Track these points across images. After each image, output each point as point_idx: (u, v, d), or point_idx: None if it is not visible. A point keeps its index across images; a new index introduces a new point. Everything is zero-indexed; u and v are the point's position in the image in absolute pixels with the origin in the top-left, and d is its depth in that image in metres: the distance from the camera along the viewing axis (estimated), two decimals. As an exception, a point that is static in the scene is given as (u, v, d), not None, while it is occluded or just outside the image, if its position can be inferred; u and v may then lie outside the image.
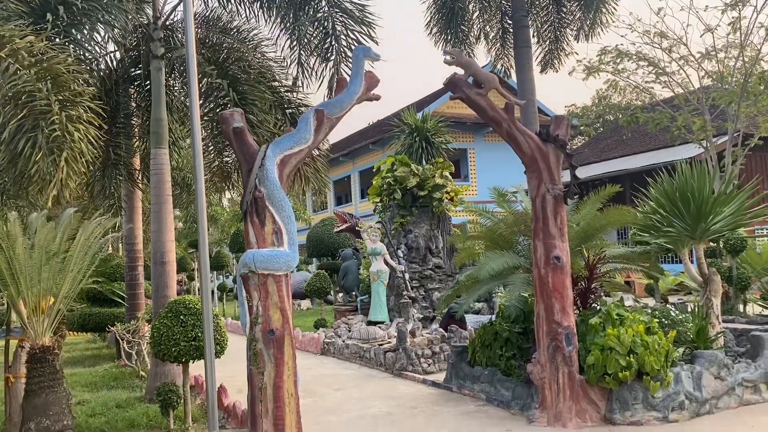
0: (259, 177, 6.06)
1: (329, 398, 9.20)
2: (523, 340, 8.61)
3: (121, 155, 10.01)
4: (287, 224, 6.12)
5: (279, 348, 5.91)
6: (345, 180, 41.01)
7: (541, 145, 7.44)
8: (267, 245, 6.03)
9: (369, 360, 11.57)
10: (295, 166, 6.35)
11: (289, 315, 6.03)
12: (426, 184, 15.81)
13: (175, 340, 7.13)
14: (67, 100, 5.82)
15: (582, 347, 7.38)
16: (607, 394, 7.21)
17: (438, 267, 16.20)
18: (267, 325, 5.91)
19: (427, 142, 17.10)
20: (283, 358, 5.93)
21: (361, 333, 13.05)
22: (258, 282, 5.95)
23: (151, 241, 9.09)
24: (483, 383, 8.62)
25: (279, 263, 5.95)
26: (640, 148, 29.07)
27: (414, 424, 7.52)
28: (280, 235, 6.08)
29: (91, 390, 10.04)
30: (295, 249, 6.16)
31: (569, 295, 7.36)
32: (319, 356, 13.31)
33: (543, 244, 7.38)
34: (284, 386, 5.92)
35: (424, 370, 10.47)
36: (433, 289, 15.68)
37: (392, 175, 15.97)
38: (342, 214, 17.75)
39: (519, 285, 8.17)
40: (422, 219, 16.20)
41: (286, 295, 6.05)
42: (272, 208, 6.06)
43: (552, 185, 7.38)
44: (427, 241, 16.12)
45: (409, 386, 9.74)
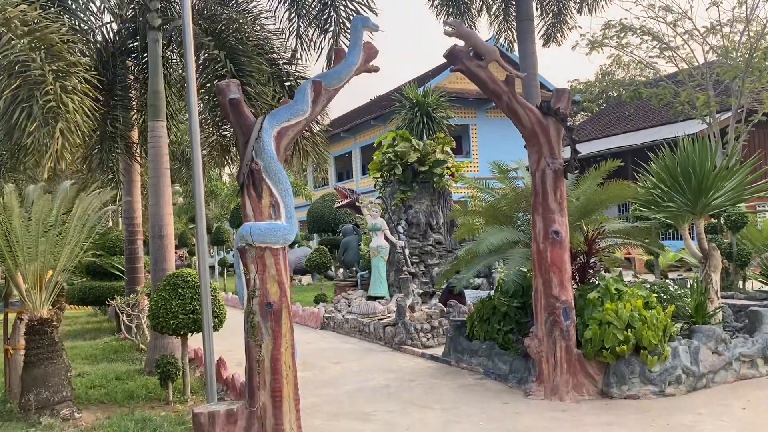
0: (255, 149, 6.00)
1: (328, 371, 9.25)
2: (521, 315, 8.63)
3: (119, 128, 9.93)
4: (284, 197, 6.08)
5: (276, 321, 5.91)
6: (346, 156, 40.87)
7: (542, 118, 7.36)
8: (264, 218, 5.99)
9: (368, 334, 11.62)
10: (293, 138, 6.29)
11: (287, 288, 6.02)
12: (427, 160, 15.74)
13: (173, 313, 7.14)
14: (61, 71, 5.75)
15: (580, 322, 7.38)
16: (604, 368, 7.22)
17: (438, 243, 16.20)
18: (264, 298, 5.90)
19: (428, 117, 17.01)
20: (280, 331, 5.93)
21: (361, 308, 13.09)
22: (255, 255, 5.92)
23: (149, 214, 9.07)
24: (481, 357, 8.65)
25: (276, 236, 5.92)
26: (642, 124, 28.87)
27: (412, 397, 7.56)
28: (278, 208, 6.04)
29: (91, 362, 10.11)
30: (293, 222, 6.13)
31: (568, 269, 7.34)
32: (319, 330, 13.37)
33: (542, 219, 7.34)
34: (282, 359, 5.92)
35: (423, 345, 10.51)
36: (433, 265, 15.70)
37: (393, 151, 15.89)
38: (342, 189, 17.70)
39: (518, 260, 8.16)
40: (423, 195, 16.15)
41: (284, 269, 6.04)
42: (269, 180, 6.01)
43: (552, 159, 7.32)
44: (428, 216, 16.10)
45: (408, 360, 9.79)
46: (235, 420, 5.83)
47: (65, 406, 6.66)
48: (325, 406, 7.39)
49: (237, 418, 5.84)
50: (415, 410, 6.99)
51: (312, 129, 10.39)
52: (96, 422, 6.56)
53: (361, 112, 40.95)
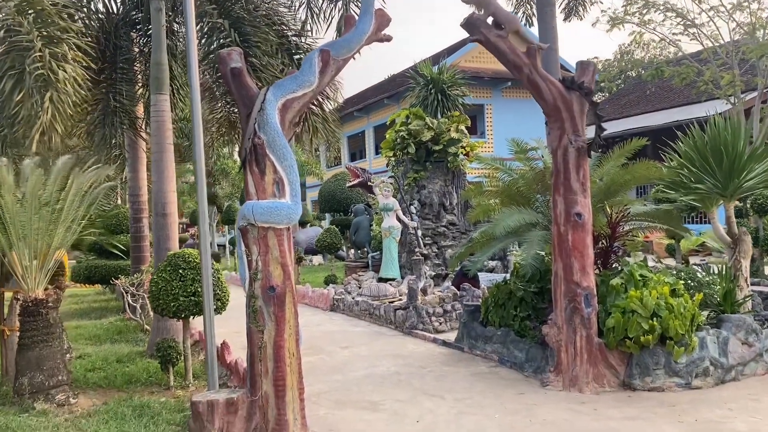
0: (258, 122, 5.61)
1: (336, 356, 8.94)
2: (539, 300, 8.24)
3: (123, 102, 9.57)
4: (289, 174, 5.69)
5: (279, 305, 5.56)
6: (359, 135, 40.37)
7: (565, 92, 6.90)
8: (267, 196, 5.62)
9: (379, 317, 11.29)
10: (299, 111, 5.89)
11: (291, 271, 5.66)
12: (441, 138, 15.29)
13: (174, 294, 6.83)
14: (51, 37, 5.37)
15: (601, 309, 6.99)
16: (626, 358, 6.84)
17: (452, 224, 15.80)
18: (267, 282, 5.55)
19: (443, 95, 16.50)
20: (284, 316, 5.58)
21: (372, 290, 12.76)
22: (257, 235, 5.57)
23: (152, 191, 8.73)
24: (495, 344, 8.29)
25: (280, 216, 5.55)
26: (663, 105, 28.12)
27: (422, 385, 7.22)
28: (282, 186, 5.66)
29: (94, 343, 9.87)
30: (298, 201, 5.75)
31: (590, 254, 6.92)
32: (329, 312, 13.07)
33: (563, 200, 6.92)
34: (285, 345, 5.59)
35: (435, 329, 10.16)
36: (446, 247, 15.32)
37: (406, 129, 15.45)
38: (354, 168, 17.29)
39: (536, 243, 7.74)
40: (436, 174, 15.72)
41: (288, 250, 5.67)
42: (273, 156, 5.63)
43: (575, 136, 6.88)
44: (441, 197, 15.68)
45: (418, 345, 9.45)
46: (236, 409, 5.52)
47: (61, 391, 6.39)
48: (331, 393, 7.07)
49: (237, 408, 5.53)
50: (426, 399, 6.65)
51: (322, 105, 9.98)
52: (92, 408, 6.28)
53: (374, 91, 40.34)
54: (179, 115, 16.61)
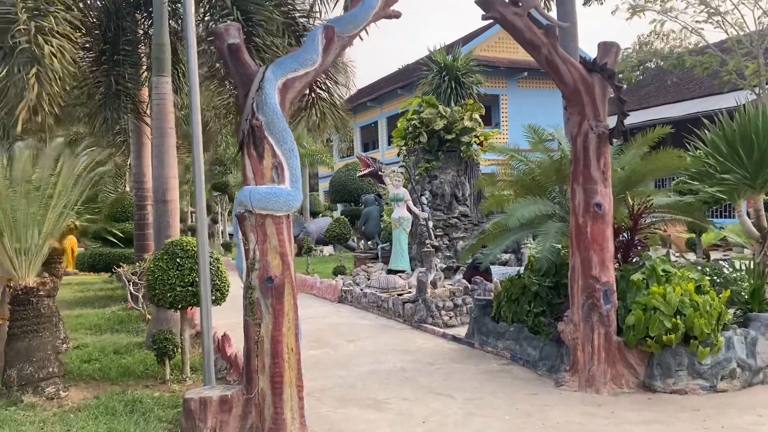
0: (256, 102, 5.25)
1: (341, 350, 8.61)
2: (554, 296, 7.86)
3: (126, 86, 9.26)
4: (289, 158, 5.34)
5: (278, 297, 5.23)
6: (372, 126, 39.94)
7: (586, 75, 6.48)
8: (266, 182, 5.27)
9: (387, 310, 10.95)
10: (300, 91, 5.52)
11: (290, 261, 5.32)
12: (454, 127, 14.88)
13: (171, 284, 6.51)
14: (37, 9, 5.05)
15: (621, 306, 6.59)
16: (647, 358, 6.44)
17: (464, 215, 15.41)
18: (264, 272, 5.21)
19: (456, 83, 16.07)
20: (282, 309, 5.25)
21: (380, 282, 12.42)
22: (255, 223, 5.23)
23: (153, 177, 8.43)
24: (508, 340, 7.92)
25: (279, 202, 5.21)
26: (684, 96, 27.43)
27: (430, 383, 6.87)
28: (281, 171, 5.31)
29: (94, 333, 9.61)
30: (298, 187, 5.40)
31: (610, 247, 6.52)
32: (336, 304, 12.75)
33: (583, 190, 6.51)
34: (283, 340, 5.25)
35: (445, 324, 9.80)
36: (458, 239, 14.94)
37: (418, 117, 15.06)
38: (365, 158, 16.90)
39: (552, 235, 7.35)
40: (449, 164, 15.32)
41: (287, 239, 5.33)
42: (272, 138, 5.27)
43: (596, 122, 6.46)
44: (453, 187, 15.28)
45: (427, 340, 9.10)
46: (230, 407, 5.20)
47: (51, 383, 6.10)
48: (334, 390, 6.74)
49: (232, 406, 5.21)
50: (433, 399, 6.30)
51: (331, 91, 9.61)
52: (83, 401, 5.99)
53: (388, 81, 39.84)
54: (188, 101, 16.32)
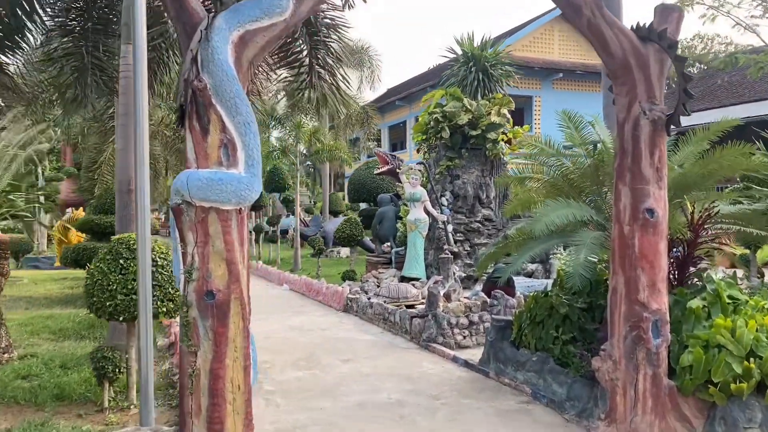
0: (202, 59, 3.99)
1: (332, 372, 7.31)
2: (587, 320, 6.49)
3: (100, 58, 8.11)
4: (244, 135, 4.07)
5: (220, 319, 3.96)
6: (400, 126, 38.68)
7: (639, 44, 5.07)
8: (210, 164, 4.01)
9: (393, 324, 9.62)
10: (264, 48, 4.24)
11: (241, 271, 4.05)
12: (479, 123, 13.48)
13: (111, 291, 5.29)
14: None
15: (675, 341, 5.18)
16: (707, 409, 5.03)
17: (488, 219, 14.01)
18: (204, 284, 3.95)
19: (484, 75, 14.66)
20: (226, 334, 3.98)
21: (391, 290, 11.08)
22: (194, 218, 3.97)
23: (116, 163, 7.27)
24: (529, 372, 6.54)
25: (225, 192, 3.94)
26: (732, 100, 25.52)
27: (430, 425, 5.55)
28: (233, 151, 4.04)
29: (56, 338, 8.48)
30: (256, 172, 4.13)
31: (663, 265, 5.10)
32: (341, 313, 11.46)
33: (630, 191, 5.10)
34: (226, 375, 3.98)
35: (457, 344, 8.45)
36: (480, 245, 13.53)
37: (441, 111, 13.69)
38: (383, 154, 15.56)
39: (587, 246, 5.93)
40: (473, 163, 13.93)
41: (239, 241, 4.06)
42: (221, 107, 4.01)
43: (650, 104, 5.05)
44: (477, 188, 13.89)
45: (435, 363, 7.75)
46: (152, 461, 3.95)
47: (-45, 409, 4.92)
48: (309, 429, 5.44)
49: (155, 459, 3.96)
50: (431, 449, 4.96)
51: (334, 70, 8.33)
52: (-11, 435, 4.81)
53: (418, 80, 38.50)
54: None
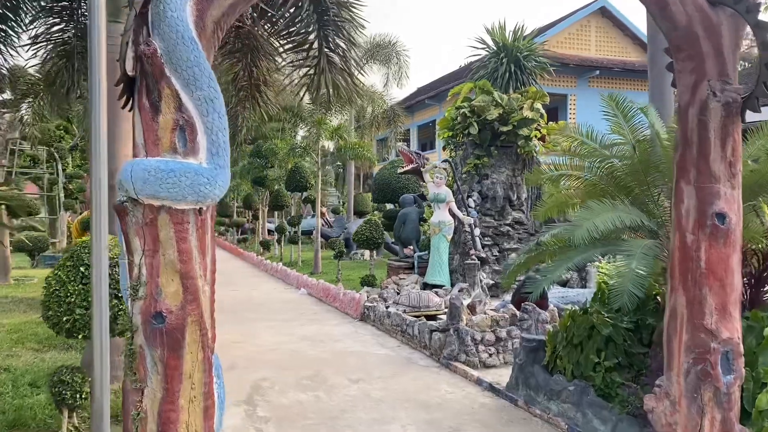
0: (152, 19, 3.16)
1: (338, 395, 6.44)
2: (634, 342, 5.55)
3: (90, 41, 7.37)
4: (206, 114, 3.22)
5: (173, 348, 3.12)
6: (430, 125, 37.73)
7: (708, 9, 4.08)
8: (162, 151, 3.17)
9: (412, 338, 8.71)
10: (234, 6, 3.38)
11: (202, 287, 3.21)
12: (511, 118, 12.51)
13: (69, 304, 4.49)
14: None
15: (749, 376, 4.19)
16: (790, 464, 4.02)
17: (518, 223, 13.02)
18: (152, 304, 3.11)
19: (516, 66, 13.66)
20: (179, 368, 3.13)
21: (411, 298, 10.18)
22: (142, 220, 3.13)
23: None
24: (565, 403, 5.58)
25: (179, 186, 3.09)
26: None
27: (446, 468, 4.63)
28: (191, 135, 3.19)
29: (40, 349, 7.76)
30: (222, 164, 3.27)
31: (735, 283, 4.09)
32: (357, 323, 10.60)
33: (695, 190, 4.11)
34: (179, 419, 3.14)
35: (482, 362, 7.52)
36: (510, 250, 12.56)
37: (469, 105, 12.75)
38: (408, 152, 14.66)
39: (638, 257, 4.95)
40: (503, 162, 12.96)
41: (199, 250, 3.21)
42: (176, 80, 3.16)
43: (722, 84, 4.05)
44: (507, 189, 12.91)
45: (456, 386, 6.83)
46: None
47: None
48: (300, 473, 4.57)
49: None
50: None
51: (346, 55, 7.46)
52: None
53: (449, 78, 37.52)
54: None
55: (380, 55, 25.28)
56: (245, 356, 8.09)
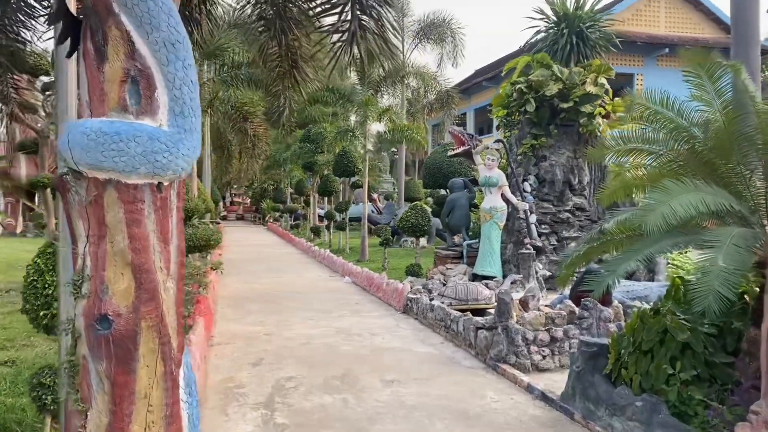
0: (95, -62, 2.46)
1: (368, 400, 5.73)
2: (717, 351, 4.65)
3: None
4: (167, 63, 2.53)
5: (122, 361, 2.46)
6: (487, 109, 36.46)
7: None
8: (107, 109, 2.49)
9: (456, 334, 7.91)
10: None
11: (163, 283, 2.55)
12: (572, 94, 11.45)
13: (47, 297, 3.92)
14: None
15: None
16: None
17: (579, 209, 11.98)
18: (96, 304, 2.46)
19: (578, 38, 12.52)
20: (130, 385, 2.48)
21: (458, 290, 9.36)
22: (85, 198, 2.47)
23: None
24: (631, 421, 4.70)
25: (128, 154, 2.43)
26: None
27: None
28: (147, 88, 2.51)
29: (55, 339, 7.36)
30: (189, 126, 2.58)
31: None
32: (399, 315, 9.87)
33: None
34: (130, 450, 2.47)
35: (535, 365, 6.67)
36: (569, 239, 11.57)
37: (525, 80, 11.75)
38: (459, 133, 13.74)
39: (726, 249, 4.00)
40: (563, 142, 11.92)
41: (159, 238, 2.53)
42: (126, 18, 2.48)
43: None
44: (567, 172, 11.87)
45: (503, 393, 6.01)
46: None
47: None
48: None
49: None
50: None
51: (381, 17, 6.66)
52: None
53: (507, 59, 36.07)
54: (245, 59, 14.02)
55: (434, 33, 24.29)
56: (274, 351, 7.49)
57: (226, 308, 10.34)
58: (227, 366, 6.86)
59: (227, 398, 5.78)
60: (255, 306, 10.57)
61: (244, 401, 5.70)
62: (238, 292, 12.21)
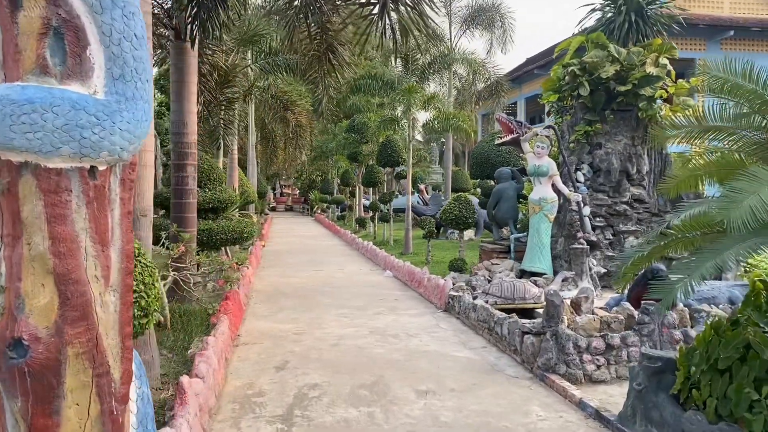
0: None
1: (397, 415, 5.11)
2: (814, 372, 3.80)
3: None
4: (103, 11, 1.93)
5: (41, 399, 1.90)
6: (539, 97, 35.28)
7: None
8: (23, 71, 1.91)
9: (500, 338, 7.21)
10: None
11: (99, 297, 1.96)
12: (630, 76, 10.52)
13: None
14: None
15: None
16: None
17: (638, 200, 11.05)
18: (10, 325, 1.89)
19: (638, 15, 11.52)
20: (52, 430, 1.90)
21: (504, 288, 8.64)
22: (-2, 186, 1.91)
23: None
24: (705, 454, 3.93)
25: (44, 129, 1.85)
26: None
27: None
28: (74, 44, 1.93)
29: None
30: (131, 94, 1.98)
31: None
32: (439, 314, 9.20)
33: None
34: None
35: (588, 376, 5.92)
36: (627, 233, 10.66)
37: (579, 62, 10.86)
38: (507, 121, 12.91)
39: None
40: (620, 128, 10.99)
41: (96, 238, 1.95)
42: (44, -50, 1.88)
43: None
44: (625, 161, 10.94)
45: (551, 409, 5.30)
46: None
47: None
48: None
49: None
50: None
51: None
52: None
53: (559, 47, 34.77)
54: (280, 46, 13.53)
55: (483, 18, 23.36)
56: (301, 353, 6.95)
57: (258, 303, 9.90)
58: (249, 370, 6.35)
59: (243, 409, 5.26)
60: (289, 302, 10.09)
61: (260, 413, 5.17)
62: (275, 285, 11.77)
